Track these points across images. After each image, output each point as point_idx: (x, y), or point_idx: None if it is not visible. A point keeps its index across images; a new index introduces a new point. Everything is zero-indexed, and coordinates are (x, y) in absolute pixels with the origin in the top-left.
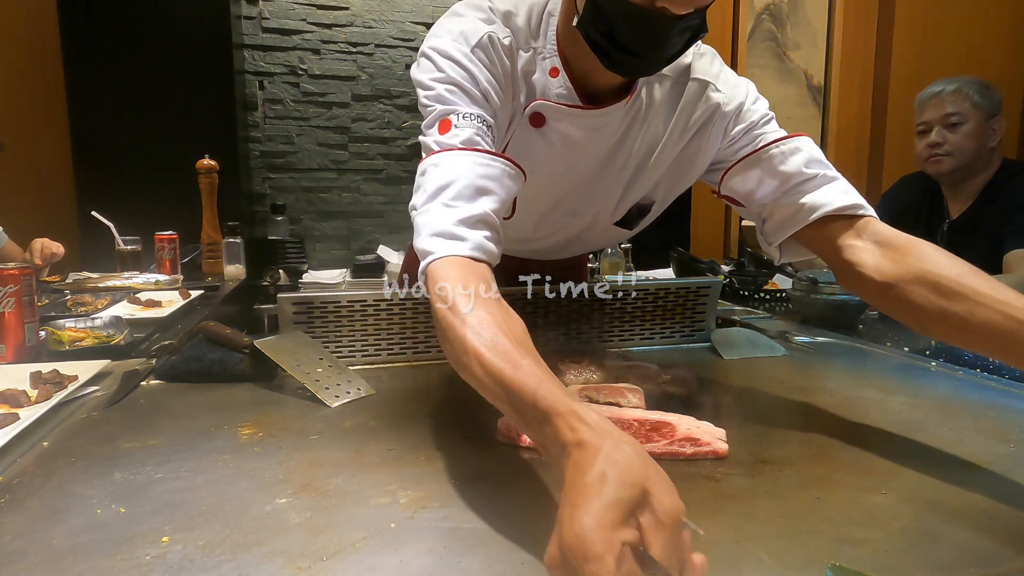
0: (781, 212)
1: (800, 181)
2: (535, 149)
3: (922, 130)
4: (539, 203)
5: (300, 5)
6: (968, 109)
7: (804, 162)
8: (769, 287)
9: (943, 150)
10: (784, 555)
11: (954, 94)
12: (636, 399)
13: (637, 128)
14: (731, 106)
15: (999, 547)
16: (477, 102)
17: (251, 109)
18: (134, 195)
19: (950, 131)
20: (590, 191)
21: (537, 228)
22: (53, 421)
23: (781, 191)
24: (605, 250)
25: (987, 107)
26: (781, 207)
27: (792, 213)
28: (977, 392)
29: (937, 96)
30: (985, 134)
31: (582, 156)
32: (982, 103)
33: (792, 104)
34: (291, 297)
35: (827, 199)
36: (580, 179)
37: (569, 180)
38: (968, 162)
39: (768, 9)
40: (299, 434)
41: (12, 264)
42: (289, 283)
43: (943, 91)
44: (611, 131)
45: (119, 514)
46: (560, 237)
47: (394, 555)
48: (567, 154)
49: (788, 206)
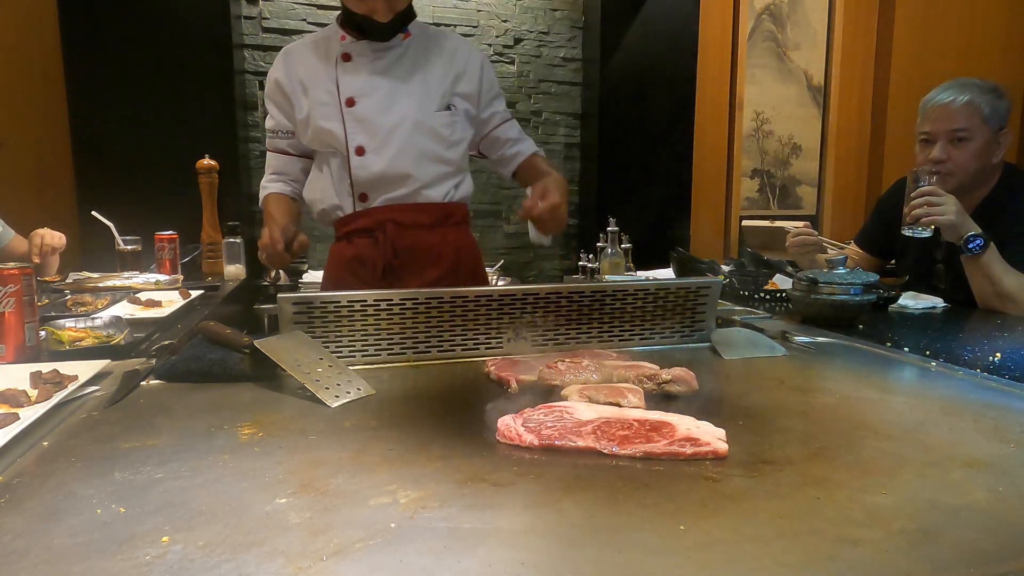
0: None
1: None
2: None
3: (925, 139)
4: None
5: (300, 5)
6: (977, 125)
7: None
8: (769, 287)
9: (946, 168)
10: (784, 555)
11: (965, 108)
12: (636, 399)
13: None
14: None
15: (999, 547)
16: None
17: (251, 109)
18: (134, 195)
19: (955, 146)
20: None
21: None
22: (53, 421)
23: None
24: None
25: (996, 121)
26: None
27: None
28: (977, 392)
29: (945, 108)
30: (991, 150)
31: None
32: (992, 117)
33: (792, 104)
34: (291, 297)
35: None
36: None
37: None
38: (971, 179)
39: (768, 9)
40: (299, 434)
41: (12, 264)
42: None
43: (953, 102)
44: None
45: (119, 514)
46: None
47: (394, 555)
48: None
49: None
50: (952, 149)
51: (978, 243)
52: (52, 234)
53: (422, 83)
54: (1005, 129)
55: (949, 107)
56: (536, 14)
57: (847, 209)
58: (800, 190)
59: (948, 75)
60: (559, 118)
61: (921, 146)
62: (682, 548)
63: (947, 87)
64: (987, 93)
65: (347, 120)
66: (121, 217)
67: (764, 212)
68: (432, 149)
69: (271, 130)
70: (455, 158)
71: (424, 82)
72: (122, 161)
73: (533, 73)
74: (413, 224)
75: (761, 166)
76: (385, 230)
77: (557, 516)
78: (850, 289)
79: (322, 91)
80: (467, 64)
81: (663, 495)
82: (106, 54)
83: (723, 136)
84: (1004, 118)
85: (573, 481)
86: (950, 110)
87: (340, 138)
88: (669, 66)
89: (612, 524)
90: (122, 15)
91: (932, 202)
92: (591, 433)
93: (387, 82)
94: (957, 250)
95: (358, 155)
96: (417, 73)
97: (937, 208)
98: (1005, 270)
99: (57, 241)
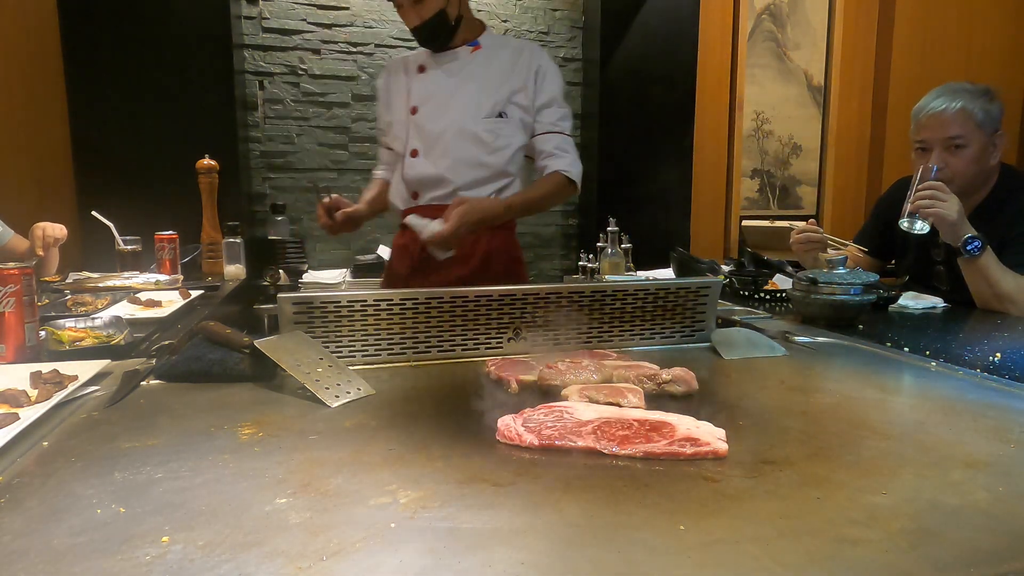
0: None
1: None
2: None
3: (921, 147)
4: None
5: (300, 5)
6: (972, 130)
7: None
8: (769, 287)
9: (945, 175)
10: (784, 555)
11: (959, 114)
12: (636, 399)
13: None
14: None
15: (999, 547)
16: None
17: (251, 109)
18: (134, 195)
19: (952, 154)
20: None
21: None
22: (53, 421)
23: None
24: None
25: (990, 124)
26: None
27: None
28: (977, 392)
29: (938, 116)
30: (987, 153)
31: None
32: (985, 121)
33: (792, 104)
34: (291, 297)
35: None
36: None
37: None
38: (969, 184)
39: (768, 9)
40: (299, 434)
41: (12, 264)
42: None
43: (946, 110)
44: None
45: (119, 514)
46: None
47: (394, 555)
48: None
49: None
50: (949, 157)
51: (976, 245)
52: (52, 226)
53: (476, 91)
54: (1000, 131)
55: (943, 115)
56: (536, 14)
57: (847, 209)
58: (800, 190)
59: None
60: None
61: (917, 154)
62: (682, 548)
63: (938, 94)
64: (979, 98)
65: (410, 126)
66: (121, 217)
67: (764, 212)
68: (472, 154)
69: (380, 127)
70: (499, 163)
71: (478, 90)
72: (122, 161)
73: None
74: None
75: (761, 166)
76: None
77: (557, 516)
78: (850, 289)
79: (399, 100)
80: (528, 73)
81: (663, 495)
82: (106, 54)
83: (723, 136)
84: (997, 121)
85: (573, 481)
86: (944, 118)
87: (403, 141)
88: (669, 66)
89: (612, 524)
90: (122, 15)
91: (938, 196)
92: (591, 433)
93: (445, 91)
94: (956, 252)
95: (412, 157)
96: (474, 82)
97: (941, 204)
98: (1003, 272)
99: (59, 232)
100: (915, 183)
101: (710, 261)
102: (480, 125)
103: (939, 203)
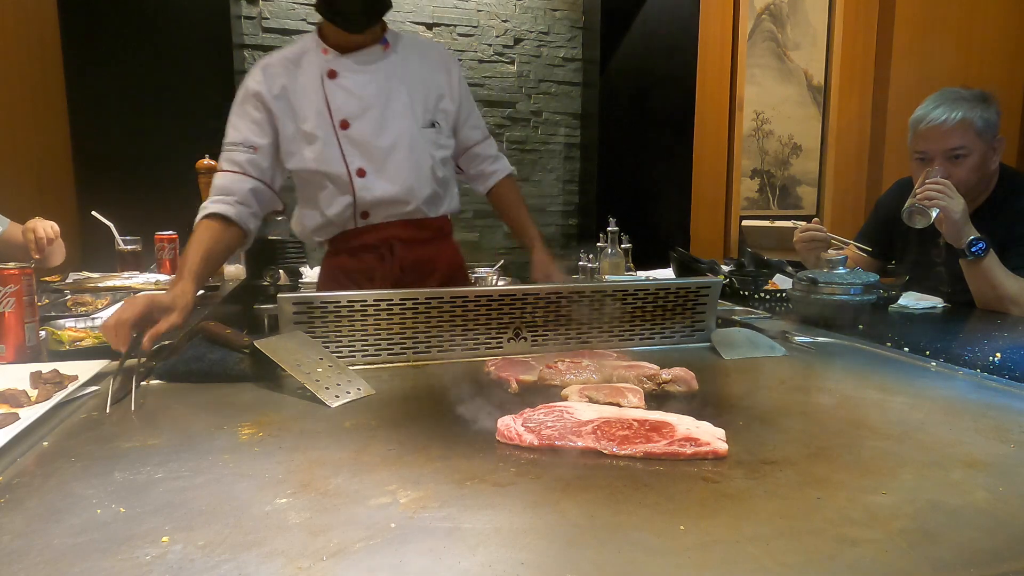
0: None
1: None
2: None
3: (920, 158)
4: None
5: (300, 5)
6: (972, 139)
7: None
8: (769, 287)
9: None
10: (784, 555)
11: (959, 125)
12: (636, 399)
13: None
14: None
15: (999, 547)
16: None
17: None
18: (134, 195)
19: (953, 164)
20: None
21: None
22: (53, 421)
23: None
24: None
25: (989, 131)
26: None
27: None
28: (977, 392)
29: (938, 128)
30: (988, 159)
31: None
32: (985, 129)
33: (792, 104)
34: (291, 297)
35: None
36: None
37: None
38: (970, 190)
39: (768, 9)
40: (299, 434)
41: (12, 264)
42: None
43: (946, 121)
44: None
45: (119, 514)
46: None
47: (394, 555)
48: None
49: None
50: (951, 167)
51: (981, 247)
52: (43, 224)
53: (409, 102)
54: (999, 136)
55: (943, 127)
56: (536, 14)
57: (847, 209)
58: (800, 190)
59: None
60: (559, 118)
61: (917, 164)
62: (682, 548)
63: (936, 103)
64: (978, 106)
65: (343, 143)
66: (121, 217)
67: (764, 212)
68: (427, 168)
69: (232, 143)
70: (447, 174)
71: (411, 101)
72: (122, 160)
73: (533, 73)
74: (413, 240)
75: (761, 166)
76: (392, 248)
77: (557, 516)
78: (850, 289)
79: (312, 111)
80: (447, 80)
81: (663, 495)
82: (106, 54)
83: (723, 136)
84: (996, 126)
85: (573, 481)
86: (944, 129)
87: (339, 161)
88: (669, 66)
89: (612, 524)
90: (122, 15)
91: (946, 192)
92: (591, 433)
93: (377, 102)
94: (957, 252)
95: (359, 177)
96: (403, 91)
97: (948, 199)
98: (1005, 274)
99: (51, 231)
100: (926, 176)
101: (710, 261)
102: (424, 136)
103: (946, 197)
